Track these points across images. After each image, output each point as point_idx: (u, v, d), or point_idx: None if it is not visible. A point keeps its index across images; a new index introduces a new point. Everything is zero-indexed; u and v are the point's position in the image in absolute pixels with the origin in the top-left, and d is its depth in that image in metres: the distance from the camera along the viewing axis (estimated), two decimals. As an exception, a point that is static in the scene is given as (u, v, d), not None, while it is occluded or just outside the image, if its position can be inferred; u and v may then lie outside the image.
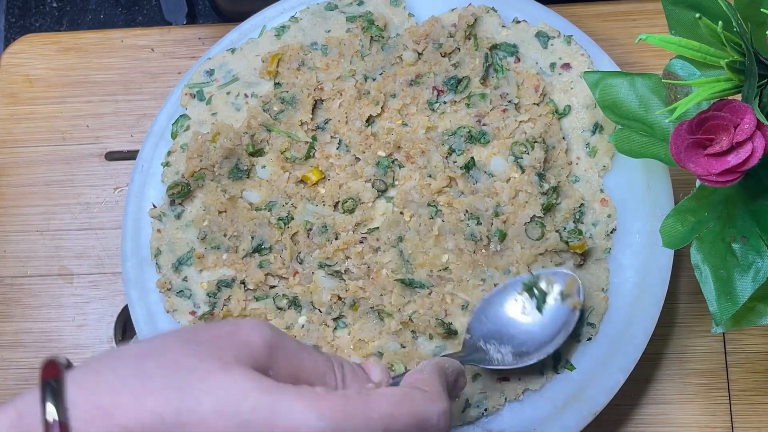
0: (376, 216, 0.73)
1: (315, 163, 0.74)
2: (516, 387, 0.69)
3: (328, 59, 0.76)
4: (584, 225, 0.72)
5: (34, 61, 0.87)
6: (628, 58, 0.82)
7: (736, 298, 0.58)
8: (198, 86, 0.78)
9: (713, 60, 0.56)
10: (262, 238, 0.72)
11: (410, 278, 0.70)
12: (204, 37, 0.86)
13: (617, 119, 0.66)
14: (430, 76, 0.74)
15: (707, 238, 0.59)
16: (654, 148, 0.64)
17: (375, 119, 0.75)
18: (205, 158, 0.74)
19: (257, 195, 0.74)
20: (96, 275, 0.81)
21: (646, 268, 0.70)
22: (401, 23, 0.78)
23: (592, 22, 0.82)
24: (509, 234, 0.70)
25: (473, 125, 0.73)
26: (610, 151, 0.73)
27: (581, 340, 0.70)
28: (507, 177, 0.72)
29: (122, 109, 0.85)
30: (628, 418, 0.74)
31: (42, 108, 0.86)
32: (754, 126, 0.53)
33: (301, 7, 0.80)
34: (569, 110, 0.74)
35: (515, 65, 0.75)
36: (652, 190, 0.72)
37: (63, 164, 0.84)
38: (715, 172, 0.54)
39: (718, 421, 0.73)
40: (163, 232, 0.74)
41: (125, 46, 0.87)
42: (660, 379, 0.74)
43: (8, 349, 0.80)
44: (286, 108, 0.75)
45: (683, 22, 0.61)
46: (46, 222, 0.83)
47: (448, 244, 0.70)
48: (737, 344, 0.75)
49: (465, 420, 0.68)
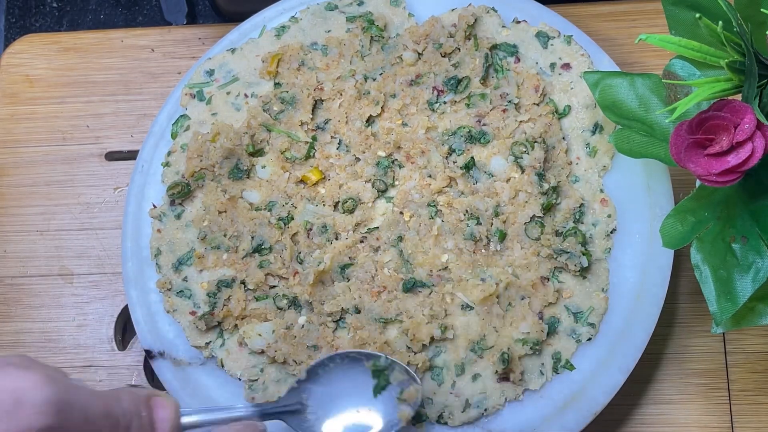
0: (376, 216, 0.73)
1: (315, 163, 0.74)
2: (516, 387, 0.69)
3: (328, 59, 0.76)
4: (584, 225, 0.72)
5: (34, 61, 0.87)
6: (628, 58, 0.82)
7: (736, 298, 0.58)
8: (198, 86, 0.78)
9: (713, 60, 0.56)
10: (262, 238, 0.72)
11: (410, 278, 0.70)
12: (204, 37, 0.86)
13: (617, 119, 0.66)
14: (430, 76, 0.75)
15: (707, 238, 0.59)
16: (654, 148, 0.64)
17: (375, 119, 0.75)
18: (205, 158, 0.74)
19: (257, 195, 0.74)
20: (96, 275, 0.81)
21: (646, 268, 0.70)
22: (401, 23, 0.78)
23: (592, 22, 0.82)
24: (509, 234, 0.70)
25: (473, 125, 0.73)
26: (610, 151, 0.73)
27: (581, 340, 0.70)
28: (507, 177, 0.72)
29: (122, 109, 0.85)
30: (628, 418, 0.74)
31: (42, 108, 0.86)
32: (754, 126, 0.53)
33: (301, 7, 0.80)
34: (569, 110, 0.74)
35: (515, 65, 0.75)
36: (652, 190, 0.72)
37: (63, 164, 0.84)
38: (715, 172, 0.54)
39: (718, 421, 0.73)
40: (163, 232, 0.75)
41: (125, 46, 0.87)
42: (660, 379, 0.74)
43: (8, 349, 0.79)
44: (286, 108, 0.75)
45: (683, 22, 0.61)
46: (46, 222, 0.83)
47: (448, 244, 0.70)
48: (737, 344, 0.75)
49: (465, 420, 0.68)
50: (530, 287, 0.69)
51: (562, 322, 0.70)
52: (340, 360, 0.65)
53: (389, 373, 0.65)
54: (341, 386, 0.65)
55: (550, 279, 0.70)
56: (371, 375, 0.65)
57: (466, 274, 0.70)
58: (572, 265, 0.69)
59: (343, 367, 0.65)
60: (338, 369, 0.65)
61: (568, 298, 0.70)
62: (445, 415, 0.68)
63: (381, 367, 0.65)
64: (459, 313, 0.70)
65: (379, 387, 0.64)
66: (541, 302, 0.69)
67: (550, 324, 0.69)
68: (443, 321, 0.69)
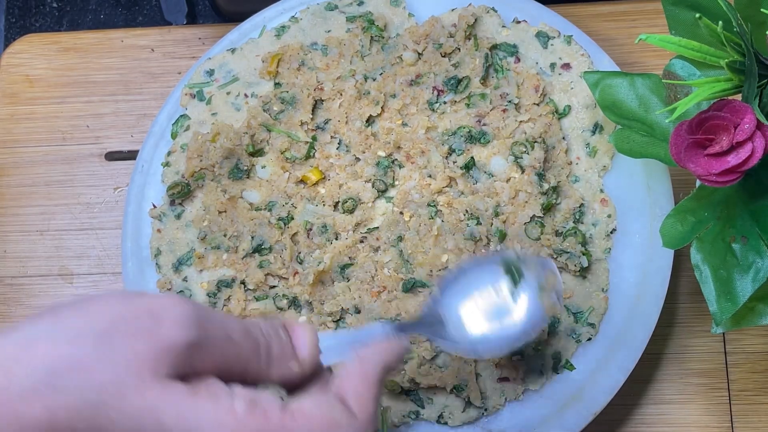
0: (376, 216, 0.73)
1: (315, 163, 0.74)
2: (516, 387, 0.69)
3: (328, 59, 0.76)
4: (584, 225, 0.72)
5: (34, 61, 0.87)
6: (628, 58, 0.82)
7: (736, 298, 0.58)
8: (198, 86, 0.78)
9: (713, 60, 0.56)
10: (262, 238, 0.72)
11: (410, 278, 0.70)
12: (204, 37, 0.86)
13: (617, 119, 0.66)
14: (430, 76, 0.75)
15: (707, 238, 0.59)
16: (654, 148, 0.64)
17: (375, 119, 0.75)
18: (205, 158, 0.74)
19: (257, 195, 0.74)
20: (96, 275, 0.81)
21: (646, 268, 0.70)
22: (401, 23, 0.78)
23: (592, 22, 0.82)
24: (509, 234, 0.70)
25: (473, 125, 0.73)
26: (610, 151, 0.73)
27: (581, 340, 0.70)
28: (507, 177, 0.72)
29: (122, 109, 0.85)
30: (628, 418, 0.74)
31: (42, 108, 0.86)
32: (754, 126, 0.53)
33: (301, 7, 0.80)
34: (569, 110, 0.74)
35: (515, 65, 0.75)
36: (652, 190, 0.72)
37: (63, 164, 0.84)
38: (715, 172, 0.54)
39: (718, 421, 0.73)
40: (163, 232, 0.75)
41: (125, 46, 0.87)
42: (660, 379, 0.74)
43: (8, 349, 0.79)
44: (286, 108, 0.75)
45: (683, 22, 0.61)
46: (46, 222, 0.83)
47: (448, 244, 0.70)
48: (737, 344, 0.75)
49: (465, 420, 0.68)
50: (530, 287, 0.69)
51: (562, 322, 0.70)
52: (470, 268, 0.61)
53: (521, 265, 0.60)
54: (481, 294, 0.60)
55: (550, 279, 0.70)
56: (504, 272, 0.60)
57: (466, 274, 0.70)
58: (572, 265, 0.69)
59: (475, 274, 0.60)
60: (471, 277, 0.60)
61: (568, 298, 0.70)
62: (445, 415, 0.68)
63: (512, 261, 0.60)
64: (459, 313, 0.70)
65: (514, 280, 0.60)
66: (541, 302, 0.69)
67: (550, 324, 0.69)
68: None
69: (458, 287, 0.60)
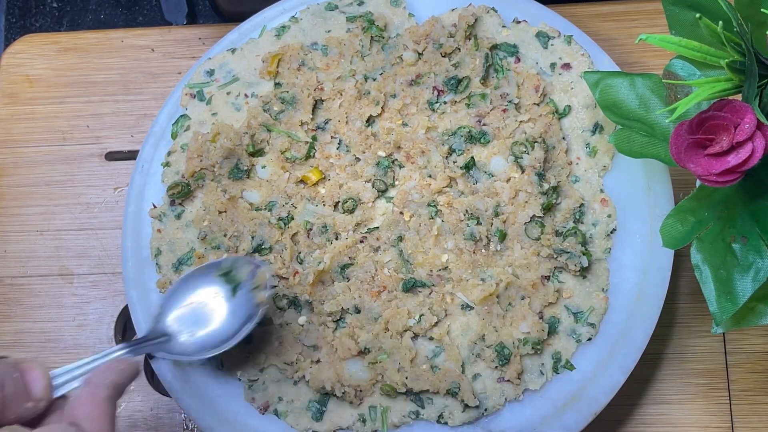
0: (376, 216, 0.73)
1: (315, 163, 0.74)
2: (516, 387, 0.69)
3: (328, 59, 0.76)
4: (584, 225, 0.72)
5: (34, 61, 0.87)
6: (628, 58, 0.82)
7: (736, 298, 0.58)
8: (198, 86, 0.78)
9: (713, 60, 0.56)
10: (262, 238, 0.72)
11: (410, 278, 0.70)
12: (204, 37, 0.86)
13: (617, 119, 0.66)
14: (430, 76, 0.74)
15: (707, 238, 0.59)
16: (654, 148, 0.64)
17: (375, 119, 0.75)
18: (205, 158, 0.74)
19: (257, 195, 0.74)
20: (96, 275, 0.81)
21: (646, 268, 0.70)
22: (401, 23, 0.78)
23: (592, 22, 0.82)
24: (509, 234, 0.70)
25: (473, 125, 0.73)
26: (610, 151, 0.73)
27: (581, 340, 0.70)
28: (507, 177, 0.72)
29: (122, 109, 0.85)
30: (628, 418, 0.74)
31: (42, 108, 0.86)
32: (754, 126, 0.53)
33: (301, 8, 0.80)
34: (569, 110, 0.74)
35: (515, 65, 0.75)
36: (652, 190, 0.72)
37: (63, 164, 0.84)
38: (715, 172, 0.54)
39: (718, 421, 0.73)
40: (163, 232, 0.75)
41: (125, 46, 0.87)
42: (660, 379, 0.74)
43: (8, 349, 0.79)
44: (286, 108, 0.75)
45: (683, 22, 0.61)
46: (46, 222, 0.83)
47: (448, 244, 0.70)
48: (737, 344, 0.75)
49: (465, 420, 0.68)
50: (530, 287, 0.69)
51: (562, 322, 0.70)
52: (190, 280, 0.66)
53: (235, 272, 0.67)
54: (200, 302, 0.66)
55: (550, 279, 0.70)
56: (222, 282, 0.66)
57: (466, 274, 0.70)
58: (572, 265, 0.69)
59: (195, 285, 0.66)
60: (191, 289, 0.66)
61: (568, 298, 0.70)
62: (445, 415, 0.68)
63: (226, 270, 0.67)
64: (459, 313, 0.70)
65: (233, 288, 0.67)
66: (541, 302, 0.69)
67: (551, 324, 0.69)
68: (443, 320, 0.69)
69: (178, 300, 0.66)
